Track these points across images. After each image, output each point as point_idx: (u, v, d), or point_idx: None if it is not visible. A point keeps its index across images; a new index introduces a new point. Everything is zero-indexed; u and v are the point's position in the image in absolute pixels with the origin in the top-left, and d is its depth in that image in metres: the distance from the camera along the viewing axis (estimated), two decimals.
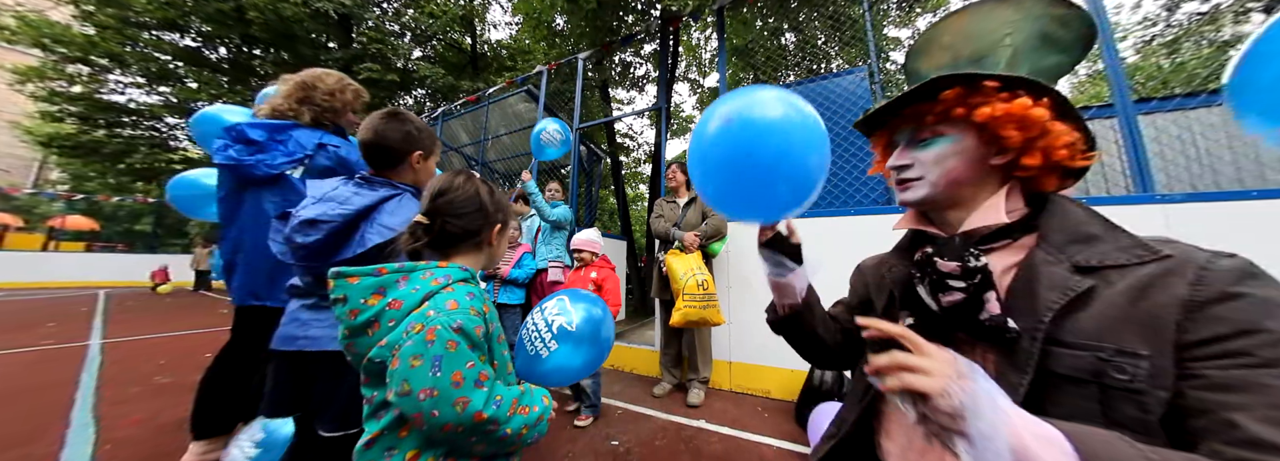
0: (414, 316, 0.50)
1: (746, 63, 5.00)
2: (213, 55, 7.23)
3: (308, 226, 0.72)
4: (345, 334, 0.53)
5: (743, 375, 2.10)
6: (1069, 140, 0.37)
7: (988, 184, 0.41)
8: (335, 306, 0.53)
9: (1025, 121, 0.36)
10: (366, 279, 0.52)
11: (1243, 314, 0.30)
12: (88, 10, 6.41)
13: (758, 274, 2.12)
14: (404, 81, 7.33)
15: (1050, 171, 0.39)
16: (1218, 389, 0.29)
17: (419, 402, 0.46)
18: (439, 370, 0.46)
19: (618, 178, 6.12)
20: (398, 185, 0.82)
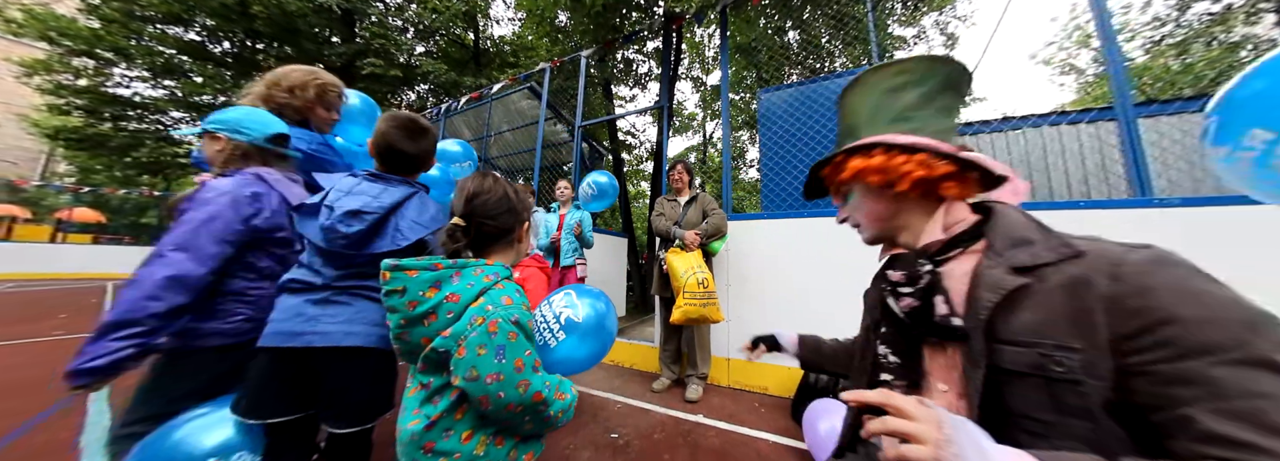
0: (474, 310, 0.55)
1: (749, 61, 4.98)
2: (217, 49, 7.24)
3: (352, 217, 0.73)
4: (401, 323, 0.57)
5: (741, 372, 2.14)
6: (910, 168, 0.44)
7: (917, 211, 0.48)
8: (390, 297, 0.57)
9: (867, 170, 0.46)
10: (424, 273, 0.57)
11: (1158, 304, 0.31)
12: (93, 4, 6.41)
13: (757, 272, 2.15)
14: (407, 77, 7.32)
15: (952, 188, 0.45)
16: (1160, 382, 0.31)
17: (486, 386, 0.52)
18: (503, 357, 0.53)
19: (619, 175, 6.13)
20: (413, 183, 0.85)
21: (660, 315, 2.24)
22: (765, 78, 4.83)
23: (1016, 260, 0.39)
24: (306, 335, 0.73)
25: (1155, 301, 0.32)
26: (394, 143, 0.81)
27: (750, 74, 5.96)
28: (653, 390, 2.07)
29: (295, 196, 0.89)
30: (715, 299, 1.79)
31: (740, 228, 2.21)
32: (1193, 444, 0.29)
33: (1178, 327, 0.31)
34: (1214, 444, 0.28)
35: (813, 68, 4.64)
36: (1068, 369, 0.34)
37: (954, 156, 0.44)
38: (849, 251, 1.97)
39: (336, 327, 0.75)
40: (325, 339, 0.74)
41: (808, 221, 2.07)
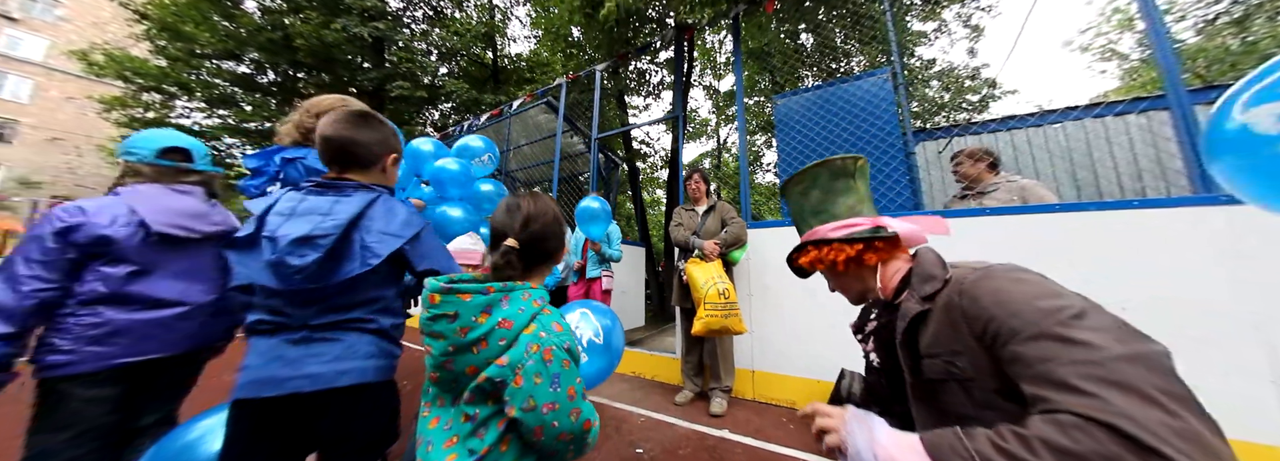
0: (527, 337, 0.53)
1: (762, 66, 4.96)
2: (264, 80, 7.90)
3: (302, 245, 0.64)
4: (447, 350, 0.53)
5: (766, 385, 2.07)
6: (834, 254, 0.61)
7: (864, 275, 0.63)
8: (438, 322, 0.53)
9: (813, 261, 0.65)
10: (478, 297, 0.53)
11: (982, 309, 0.44)
12: (161, 45, 7.18)
13: (779, 282, 2.10)
14: (432, 96, 7.74)
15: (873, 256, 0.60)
16: (1005, 366, 0.42)
17: (542, 415, 0.51)
18: (557, 386, 0.52)
19: (635, 184, 6.17)
20: (371, 186, 0.75)
21: (681, 326, 2.21)
22: (779, 81, 4.78)
23: (922, 292, 0.52)
24: (292, 380, 0.63)
25: (980, 308, 0.44)
26: (342, 135, 0.71)
27: (763, 78, 5.92)
28: (675, 403, 2.04)
29: (164, 209, 0.89)
30: (737, 310, 1.75)
31: (760, 236, 2.17)
32: (1030, 408, 0.38)
33: (996, 323, 0.43)
34: (1034, 405, 0.37)
35: (829, 69, 4.56)
36: (961, 369, 0.46)
37: (853, 238, 0.59)
38: None
39: (325, 368, 0.65)
40: (316, 382, 0.64)
41: None
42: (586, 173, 5.85)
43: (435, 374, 0.56)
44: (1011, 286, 0.44)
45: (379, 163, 0.77)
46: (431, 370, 0.56)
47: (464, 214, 1.61)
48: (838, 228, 0.62)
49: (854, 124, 2.25)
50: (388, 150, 0.78)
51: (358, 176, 0.75)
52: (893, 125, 2.13)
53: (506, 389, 0.50)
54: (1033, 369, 0.38)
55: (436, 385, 0.57)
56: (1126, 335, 0.38)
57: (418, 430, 0.58)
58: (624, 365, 2.70)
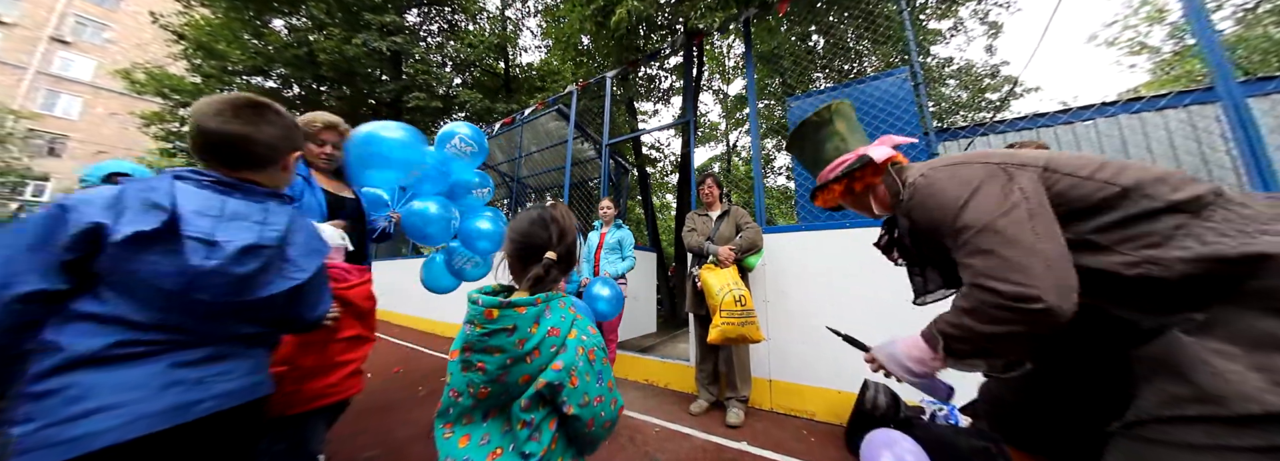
0: (574, 341, 0.59)
1: (772, 69, 4.92)
2: (289, 93, 8.28)
3: (248, 255, 0.57)
4: (504, 364, 0.54)
5: (784, 395, 2.00)
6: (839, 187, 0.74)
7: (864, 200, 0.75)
8: (496, 337, 0.54)
9: (829, 198, 0.78)
10: (531, 309, 0.56)
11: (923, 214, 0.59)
12: (196, 63, 7.62)
13: (796, 287, 2.04)
14: (446, 106, 7.95)
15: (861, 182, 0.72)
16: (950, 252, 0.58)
17: (594, 408, 0.57)
18: (602, 381, 0.60)
19: (645, 189, 6.17)
20: (280, 193, 0.69)
21: (695, 333, 2.17)
22: (790, 83, 4.73)
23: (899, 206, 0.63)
24: (201, 403, 0.54)
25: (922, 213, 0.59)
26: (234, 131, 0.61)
27: (772, 81, 5.87)
28: (690, 412, 1.98)
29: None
30: (754, 317, 1.70)
31: (776, 241, 2.12)
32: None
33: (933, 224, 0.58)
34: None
35: (842, 71, 4.49)
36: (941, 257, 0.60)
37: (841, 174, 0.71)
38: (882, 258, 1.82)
39: (234, 384, 0.58)
40: (233, 398, 0.58)
41: (848, 232, 1.94)
42: (596, 178, 5.89)
43: (486, 389, 0.55)
44: (932, 196, 0.57)
45: (277, 163, 0.68)
46: (482, 385, 0.55)
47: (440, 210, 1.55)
48: (832, 168, 0.74)
49: (872, 124, 2.19)
50: (292, 147, 0.70)
51: (253, 177, 0.65)
52: (913, 125, 2.07)
53: (563, 390, 0.54)
54: (955, 255, 0.54)
55: (483, 400, 0.57)
56: (996, 203, 0.51)
57: (445, 453, 0.56)
58: (636, 372, 2.66)
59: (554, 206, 0.68)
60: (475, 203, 1.89)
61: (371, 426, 1.81)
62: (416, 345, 3.84)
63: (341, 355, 0.95)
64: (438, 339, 4.20)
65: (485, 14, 9.12)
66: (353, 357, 0.98)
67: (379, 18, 7.09)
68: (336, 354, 0.94)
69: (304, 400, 0.86)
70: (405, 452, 1.56)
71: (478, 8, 8.96)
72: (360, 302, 0.99)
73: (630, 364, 2.71)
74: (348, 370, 0.95)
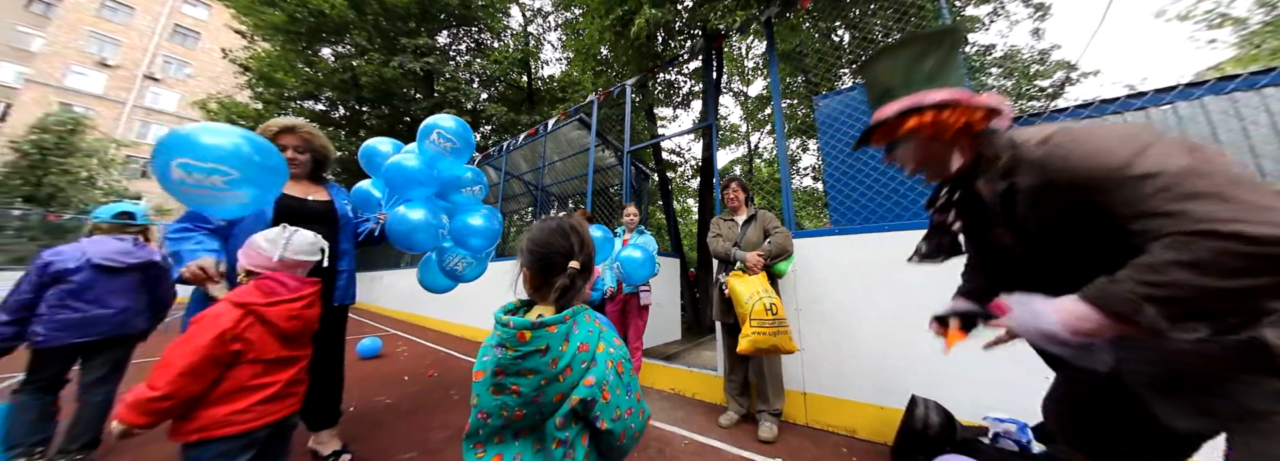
0: (602, 355, 0.58)
1: (795, 67, 4.78)
2: (335, 114, 9.02)
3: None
4: (538, 385, 0.52)
5: (820, 409, 1.88)
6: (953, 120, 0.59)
7: (949, 149, 0.63)
8: (530, 359, 0.52)
9: (922, 126, 0.61)
10: (561, 327, 0.55)
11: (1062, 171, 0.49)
12: (258, 91, 8.50)
13: (830, 294, 1.93)
14: (474, 121, 8.37)
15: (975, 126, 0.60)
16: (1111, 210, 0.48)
17: (625, 421, 0.57)
18: (630, 393, 0.59)
19: (666, 194, 6.15)
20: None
21: (723, 343, 2.09)
22: (814, 81, 4.57)
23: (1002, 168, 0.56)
24: None
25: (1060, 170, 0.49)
26: None
27: (794, 80, 5.70)
28: (720, 425, 1.91)
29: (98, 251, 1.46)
30: (786, 326, 1.62)
31: (807, 246, 2.02)
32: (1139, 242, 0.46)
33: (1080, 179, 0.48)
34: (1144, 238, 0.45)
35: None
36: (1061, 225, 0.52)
37: (980, 105, 0.59)
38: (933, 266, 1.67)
39: None
40: None
41: (886, 236, 1.82)
42: (615, 185, 5.94)
43: (521, 411, 0.54)
44: (1078, 145, 0.48)
45: None
46: (517, 408, 0.54)
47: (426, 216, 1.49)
48: (950, 96, 0.60)
49: None
50: None
51: None
52: None
53: (596, 406, 0.54)
54: (1132, 209, 0.44)
55: (515, 422, 0.55)
56: (1183, 152, 0.43)
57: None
58: (662, 381, 2.60)
59: (571, 214, 0.68)
60: (465, 200, 1.79)
61: (407, 428, 1.87)
62: (448, 349, 3.98)
63: (254, 379, 0.85)
64: (465, 342, 4.34)
65: (509, 31, 9.57)
66: (272, 381, 0.88)
67: (413, 41, 7.61)
68: (247, 378, 0.84)
69: (197, 428, 0.79)
70: (442, 455, 1.60)
71: (502, 26, 9.41)
72: (279, 322, 0.88)
73: (656, 372, 2.66)
74: (262, 394, 0.85)
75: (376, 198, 1.66)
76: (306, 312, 0.96)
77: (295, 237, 0.96)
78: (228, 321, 0.82)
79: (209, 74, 20.00)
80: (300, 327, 0.95)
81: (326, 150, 1.51)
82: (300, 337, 0.97)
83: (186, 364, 0.77)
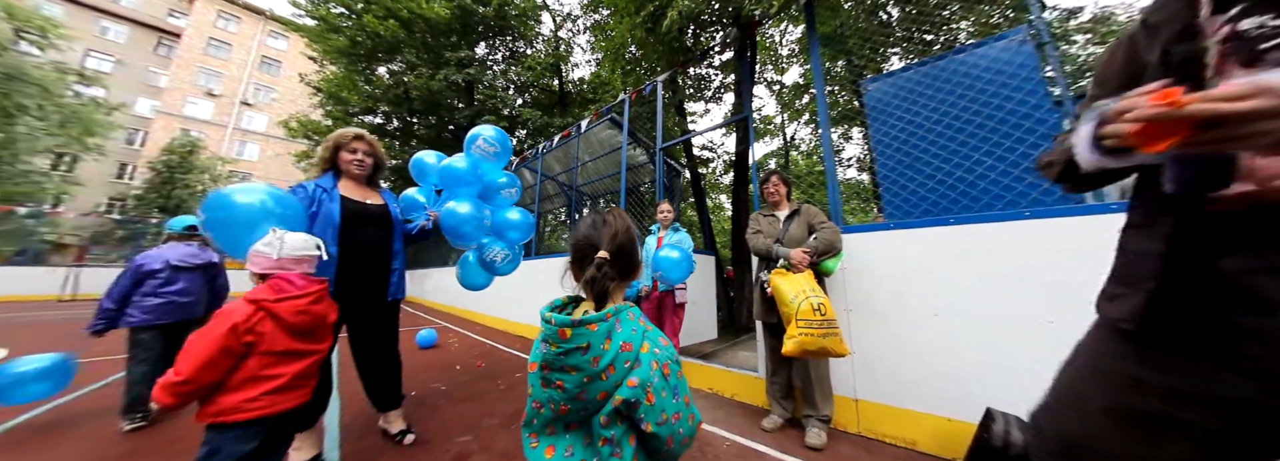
0: (647, 355, 0.56)
1: (836, 50, 4.46)
2: (390, 127, 9.91)
3: None
4: (582, 382, 0.53)
5: (874, 417, 1.74)
6: None
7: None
8: (572, 356, 0.53)
9: None
10: (602, 325, 0.55)
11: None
12: (328, 109, 9.56)
13: (883, 294, 1.78)
14: (511, 126, 8.80)
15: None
16: None
17: (673, 425, 0.54)
18: (678, 396, 0.57)
19: (698, 191, 6.05)
20: None
21: (764, 343, 2.01)
22: (858, 64, 4.23)
23: None
24: None
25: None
26: None
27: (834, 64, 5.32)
28: (763, 428, 1.84)
29: (174, 254, 1.93)
30: (837, 328, 1.52)
31: (858, 242, 1.88)
32: None
33: None
34: None
35: (923, 43, 3.87)
36: None
37: None
38: (1001, 262, 1.47)
39: None
40: None
41: (950, 230, 1.64)
42: (645, 182, 5.94)
43: (566, 406, 0.55)
44: None
45: None
46: (562, 403, 0.55)
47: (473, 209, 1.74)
48: None
49: (980, 100, 1.83)
50: None
51: None
52: (1039, 95, 1.67)
53: (640, 407, 0.52)
54: None
55: (563, 416, 0.57)
56: None
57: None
58: (700, 380, 2.56)
59: (609, 210, 0.68)
60: (505, 202, 2.08)
61: (463, 414, 2.01)
62: (493, 341, 4.23)
63: (264, 370, 0.92)
64: (509, 336, 4.57)
65: (541, 37, 9.91)
66: (279, 372, 0.94)
67: (455, 53, 8.14)
68: (257, 368, 0.91)
69: (214, 412, 0.88)
70: (493, 438, 1.70)
71: (534, 32, 9.77)
72: (287, 317, 0.95)
73: (693, 371, 2.63)
74: (270, 385, 0.92)
75: (421, 202, 1.97)
76: (314, 308, 1.02)
77: (288, 238, 1.04)
78: (241, 315, 0.90)
79: (289, 97, 22.87)
80: (308, 322, 1.00)
81: (383, 158, 1.70)
82: (311, 333, 1.03)
83: (205, 353, 0.85)
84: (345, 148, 1.54)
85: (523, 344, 4.07)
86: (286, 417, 0.99)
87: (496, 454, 1.56)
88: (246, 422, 0.89)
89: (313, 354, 1.03)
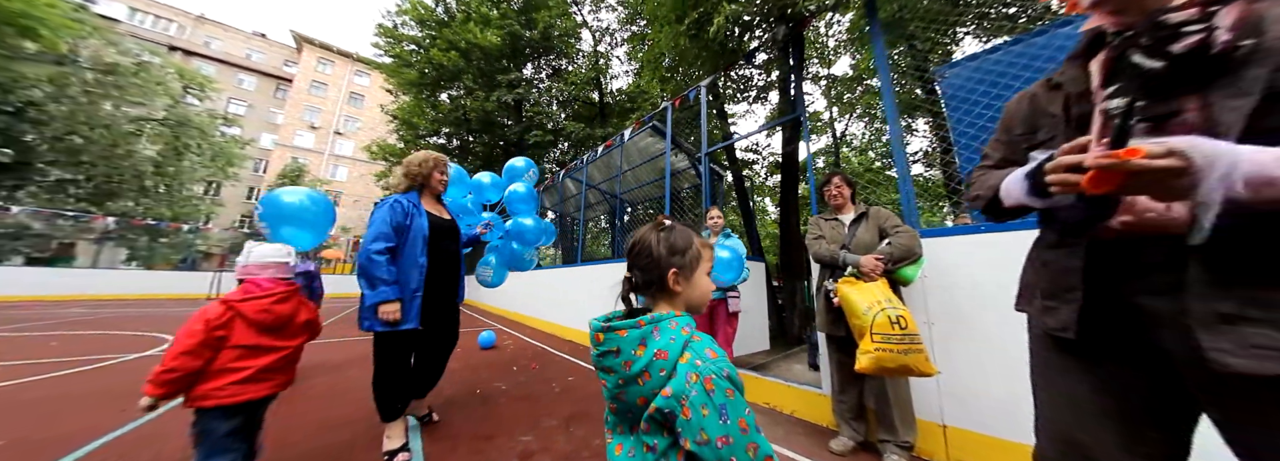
0: (684, 366, 0.54)
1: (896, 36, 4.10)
2: (450, 145, 10.99)
3: None
4: (618, 384, 0.56)
5: (968, 448, 1.51)
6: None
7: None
8: (605, 358, 0.58)
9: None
10: (633, 331, 0.57)
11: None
12: (401, 134, 10.88)
13: (977, 308, 1.56)
14: (555, 139, 9.30)
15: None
16: None
17: (718, 450, 0.49)
18: (727, 418, 0.50)
19: (742, 195, 5.86)
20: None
21: (830, 358, 1.86)
22: (922, 49, 3.84)
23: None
24: None
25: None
26: None
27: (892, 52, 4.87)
28: (831, 450, 1.68)
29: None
30: (920, 344, 1.36)
31: (940, 247, 1.68)
32: None
33: None
34: None
35: (1004, 18, 3.38)
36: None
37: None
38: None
39: None
40: None
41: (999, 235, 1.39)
42: (685, 188, 5.89)
43: (613, 405, 0.60)
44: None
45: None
46: (609, 400, 0.60)
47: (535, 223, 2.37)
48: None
49: None
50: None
51: None
52: None
53: (677, 420, 0.51)
54: None
55: (614, 414, 0.61)
56: None
57: (608, 455, 0.61)
58: (756, 394, 2.43)
59: (656, 224, 0.67)
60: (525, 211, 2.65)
61: (523, 413, 2.10)
62: (544, 345, 4.41)
63: (233, 363, 1.04)
64: (558, 340, 4.74)
65: (581, 53, 10.42)
66: (246, 365, 1.05)
67: (506, 76, 8.85)
68: (227, 360, 1.04)
69: (194, 397, 1.02)
70: (552, 440, 1.76)
71: (575, 50, 10.30)
72: (252, 315, 1.08)
73: (749, 384, 2.50)
74: (237, 376, 1.04)
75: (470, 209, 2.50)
76: (276, 307, 1.13)
77: (257, 248, 1.20)
78: (213, 313, 1.05)
79: (370, 125, 26.62)
80: (272, 320, 1.11)
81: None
82: (278, 330, 1.14)
83: (185, 345, 1.00)
84: (439, 168, 1.80)
85: (572, 348, 4.20)
86: (256, 405, 1.11)
87: (557, 455, 1.60)
88: (216, 408, 1.03)
89: (279, 350, 1.13)
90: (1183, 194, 0.39)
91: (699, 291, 0.66)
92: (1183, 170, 0.37)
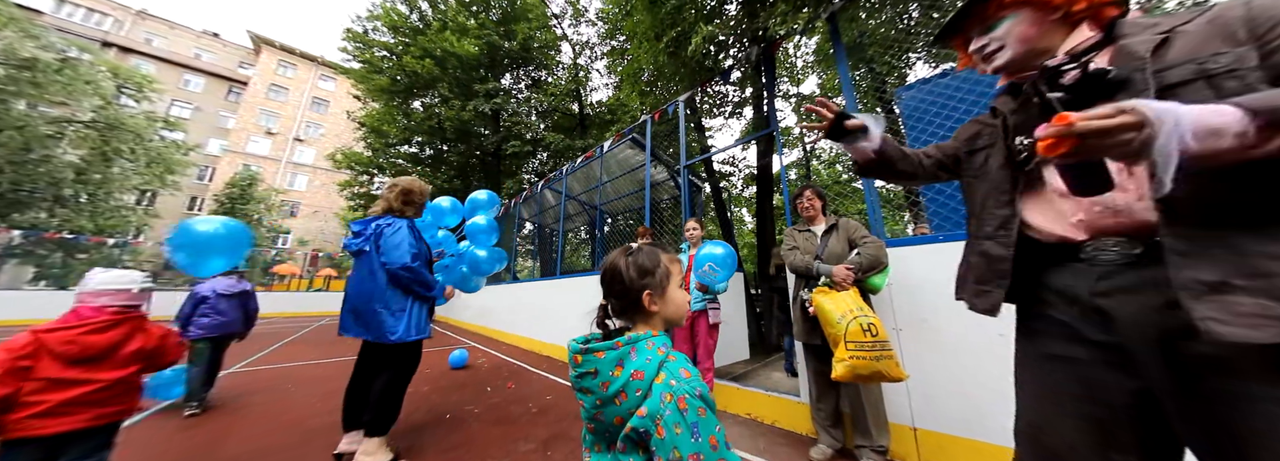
0: (659, 386, 0.55)
1: (857, 59, 4.44)
2: (423, 155, 10.61)
3: None
4: (596, 404, 0.58)
5: (938, 449, 1.58)
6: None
7: (1059, 32, 0.59)
8: (584, 380, 0.59)
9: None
10: (610, 353, 0.58)
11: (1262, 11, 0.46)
12: (368, 142, 10.39)
13: (940, 314, 1.66)
14: (533, 149, 9.21)
15: (1103, 7, 0.58)
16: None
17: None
18: (698, 436, 0.52)
19: (720, 206, 6.00)
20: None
21: (807, 366, 1.90)
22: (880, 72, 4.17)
23: (1160, 28, 0.53)
24: None
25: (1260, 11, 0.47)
26: None
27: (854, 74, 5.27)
28: (811, 459, 1.70)
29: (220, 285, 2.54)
30: (891, 350, 1.42)
31: (904, 256, 1.78)
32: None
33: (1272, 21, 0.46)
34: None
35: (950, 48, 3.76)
36: (1223, 64, 0.47)
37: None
38: None
39: None
40: None
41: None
42: (664, 199, 5.97)
43: (591, 425, 0.61)
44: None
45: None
46: (587, 420, 0.61)
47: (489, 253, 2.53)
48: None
49: None
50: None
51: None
52: None
53: (651, 439, 0.52)
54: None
55: (592, 433, 0.61)
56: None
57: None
58: (737, 404, 2.43)
59: (624, 249, 0.68)
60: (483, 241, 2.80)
61: (498, 438, 1.99)
62: (520, 362, 4.21)
63: (31, 395, 0.99)
64: (534, 355, 4.55)
65: (561, 65, 10.50)
66: (43, 399, 0.99)
67: (484, 85, 8.74)
68: (27, 393, 0.99)
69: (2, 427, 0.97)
70: None
71: (555, 62, 10.37)
72: (54, 346, 1.03)
73: (730, 395, 2.50)
74: (33, 410, 0.98)
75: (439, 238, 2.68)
76: (85, 338, 1.07)
77: (97, 276, 1.17)
78: (18, 342, 1.02)
79: (335, 132, 25.19)
80: (77, 352, 1.05)
81: None
82: (89, 361, 1.07)
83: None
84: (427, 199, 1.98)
85: (550, 364, 4.04)
86: (56, 440, 1.02)
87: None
88: (14, 442, 0.98)
89: (89, 383, 1.05)
90: (1141, 149, 0.40)
91: (674, 306, 0.67)
92: (1139, 124, 0.39)
